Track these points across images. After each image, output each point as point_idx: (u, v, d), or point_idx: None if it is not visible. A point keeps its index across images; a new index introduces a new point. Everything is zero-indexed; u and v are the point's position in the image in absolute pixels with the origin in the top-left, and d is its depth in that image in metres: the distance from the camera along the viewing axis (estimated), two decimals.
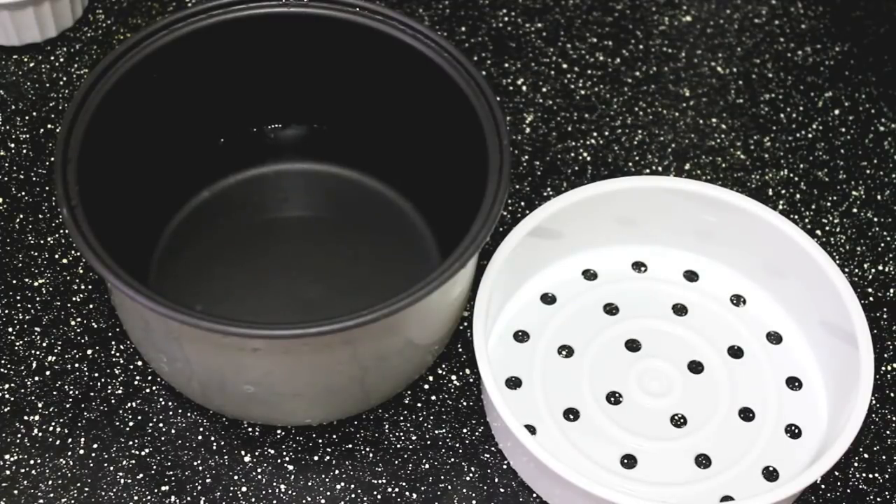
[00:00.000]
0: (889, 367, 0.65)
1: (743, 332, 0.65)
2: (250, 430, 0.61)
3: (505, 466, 0.61)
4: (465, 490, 0.60)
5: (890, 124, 0.75)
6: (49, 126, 0.72)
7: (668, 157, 0.73)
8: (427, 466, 0.61)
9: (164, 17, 0.63)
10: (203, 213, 0.66)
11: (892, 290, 0.68)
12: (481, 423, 0.62)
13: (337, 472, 0.60)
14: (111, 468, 0.60)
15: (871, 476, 0.62)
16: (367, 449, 0.61)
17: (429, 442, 0.61)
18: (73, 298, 0.65)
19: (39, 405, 0.62)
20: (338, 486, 0.60)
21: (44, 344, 0.64)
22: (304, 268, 0.64)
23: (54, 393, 0.62)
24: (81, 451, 0.60)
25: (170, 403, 0.62)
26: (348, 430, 0.62)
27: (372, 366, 0.57)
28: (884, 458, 0.62)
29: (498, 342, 0.64)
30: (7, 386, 0.62)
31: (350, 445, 0.61)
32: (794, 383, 0.63)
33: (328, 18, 0.62)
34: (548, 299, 0.66)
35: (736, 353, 0.64)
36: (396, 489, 0.60)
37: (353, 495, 0.59)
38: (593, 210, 0.65)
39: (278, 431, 0.61)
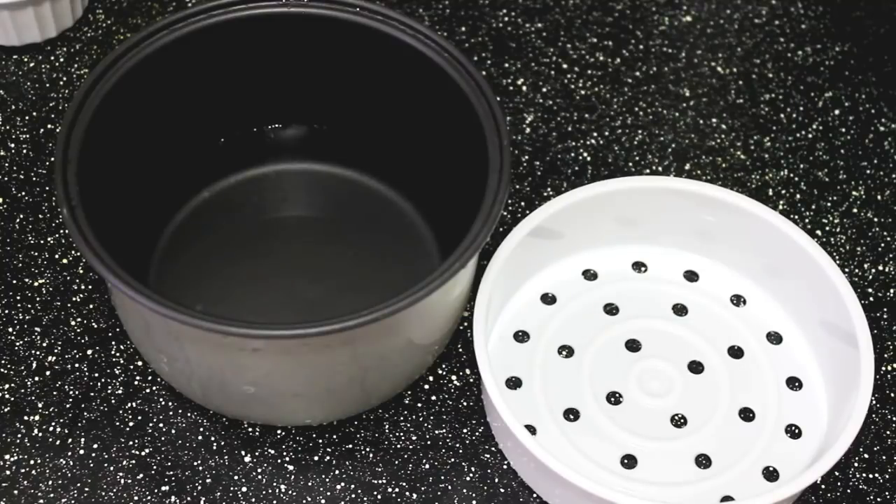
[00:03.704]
0: (889, 367, 0.65)
1: (743, 332, 0.65)
2: (250, 430, 0.61)
3: (505, 466, 0.61)
4: (465, 490, 0.60)
5: (890, 124, 0.75)
6: (49, 126, 0.72)
7: (668, 157, 0.73)
8: (427, 466, 0.61)
9: (164, 17, 0.63)
10: (203, 213, 0.66)
11: (892, 290, 0.68)
12: (481, 423, 0.62)
13: (337, 472, 0.60)
14: (111, 468, 0.60)
15: (871, 476, 0.62)
16: (367, 449, 0.61)
17: (429, 442, 0.61)
18: (73, 298, 0.65)
19: (39, 405, 0.62)
20: (338, 486, 0.60)
21: (44, 344, 0.64)
22: (304, 268, 0.64)
23: (54, 393, 0.62)
24: (81, 451, 0.60)
25: (170, 403, 0.62)
26: (348, 430, 0.62)
27: (372, 366, 0.57)
28: (884, 458, 0.62)
29: (498, 342, 0.64)
30: (7, 386, 0.62)
31: (350, 445, 0.61)
32: (794, 383, 0.63)
33: (328, 18, 0.62)
34: (548, 299, 0.66)
35: (736, 353, 0.64)
36: (396, 489, 0.60)
37: (353, 495, 0.59)
38: (593, 210, 0.65)
39: (278, 431, 0.61)
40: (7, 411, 0.61)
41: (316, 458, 0.61)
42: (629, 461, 0.60)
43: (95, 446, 0.61)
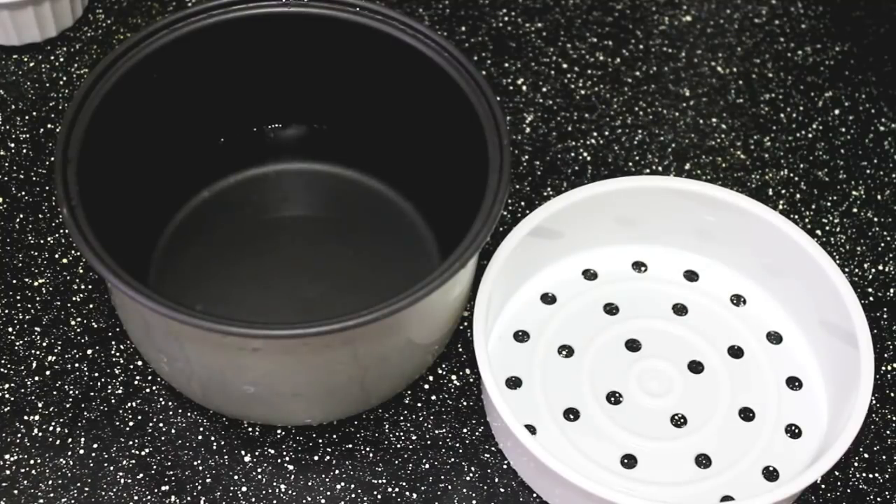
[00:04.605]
0: (889, 367, 0.65)
1: (743, 332, 0.65)
2: (250, 430, 0.61)
3: (505, 466, 0.61)
4: (465, 490, 0.60)
5: (890, 124, 0.75)
6: (49, 126, 0.72)
7: (668, 157, 0.73)
8: (427, 466, 0.61)
9: (164, 17, 0.63)
10: (203, 213, 0.66)
11: (892, 290, 0.68)
12: (481, 423, 0.62)
13: (337, 472, 0.60)
14: (111, 468, 0.60)
15: (871, 476, 0.62)
16: (367, 449, 0.61)
17: (429, 442, 0.61)
18: (73, 298, 0.65)
19: (39, 405, 0.62)
20: (338, 486, 0.60)
21: (44, 344, 0.64)
22: (304, 268, 0.64)
23: (54, 393, 0.62)
24: (81, 451, 0.60)
25: (170, 403, 0.62)
26: (348, 430, 0.62)
27: (372, 366, 0.57)
28: (884, 458, 0.62)
29: (498, 342, 0.64)
30: (7, 386, 0.62)
31: (350, 445, 0.61)
32: (794, 383, 0.63)
33: (328, 18, 0.62)
34: (548, 299, 0.66)
35: (736, 353, 0.64)
36: (396, 489, 0.60)
37: (353, 495, 0.60)
38: (593, 210, 0.65)
39: (278, 431, 0.61)
40: (7, 411, 0.61)
41: (316, 457, 0.61)
42: (629, 461, 0.60)
43: (95, 446, 0.61)
